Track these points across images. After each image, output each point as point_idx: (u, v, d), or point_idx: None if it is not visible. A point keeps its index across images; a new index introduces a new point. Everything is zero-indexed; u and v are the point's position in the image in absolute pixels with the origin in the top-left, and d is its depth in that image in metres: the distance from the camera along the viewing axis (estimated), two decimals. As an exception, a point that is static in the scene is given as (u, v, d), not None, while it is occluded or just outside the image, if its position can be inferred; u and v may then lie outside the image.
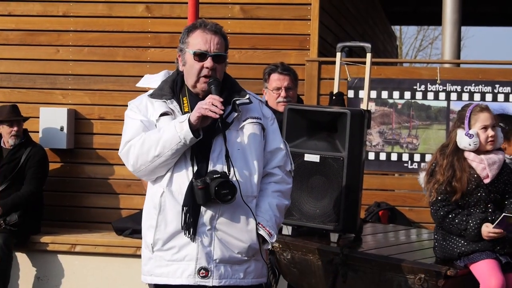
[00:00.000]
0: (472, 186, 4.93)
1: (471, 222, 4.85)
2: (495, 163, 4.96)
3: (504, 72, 7.76)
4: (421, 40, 32.13)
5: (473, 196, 4.94)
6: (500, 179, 4.97)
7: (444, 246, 4.99)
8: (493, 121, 4.99)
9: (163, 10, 8.12)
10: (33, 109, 8.12)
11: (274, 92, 6.05)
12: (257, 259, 4.04)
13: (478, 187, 4.93)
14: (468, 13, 13.22)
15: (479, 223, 4.84)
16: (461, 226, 4.89)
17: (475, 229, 4.84)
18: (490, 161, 4.95)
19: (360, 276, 5.14)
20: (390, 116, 7.79)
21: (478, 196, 4.94)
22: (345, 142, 5.40)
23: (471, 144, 4.96)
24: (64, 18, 8.27)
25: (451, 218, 4.91)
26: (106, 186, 8.14)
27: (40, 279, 7.78)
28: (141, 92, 4.57)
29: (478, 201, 4.94)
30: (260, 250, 4.01)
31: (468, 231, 4.86)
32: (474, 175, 4.94)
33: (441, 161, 5.03)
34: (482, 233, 4.83)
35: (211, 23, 4.07)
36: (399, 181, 8.34)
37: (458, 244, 4.91)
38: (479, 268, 4.80)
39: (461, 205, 4.96)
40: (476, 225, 4.84)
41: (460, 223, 4.89)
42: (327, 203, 5.41)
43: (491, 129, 4.98)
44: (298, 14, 7.88)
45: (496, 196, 4.96)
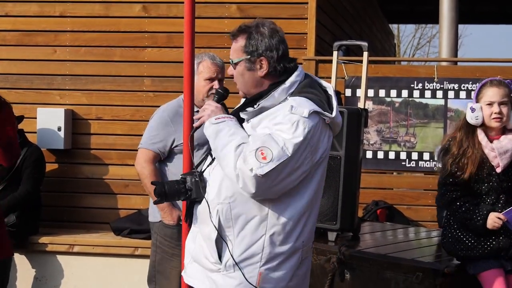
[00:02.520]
0: (484, 174, 4.81)
1: (478, 212, 4.76)
2: (507, 152, 4.80)
3: (502, 69, 7.75)
4: (419, 39, 32.23)
5: (485, 184, 4.83)
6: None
7: (450, 242, 4.95)
8: (502, 98, 4.81)
9: (160, 10, 8.12)
10: (30, 110, 8.12)
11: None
12: (230, 275, 3.72)
13: (490, 175, 4.81)
14: (465, 11, 13.23)
15: (485, 214, 4.74)
16: (467, 215, 4.80)
17: (480, 219, 4.75)
18: (502, 150, 4.80)
19: (358, 275, 5.15)
20: (388, 114, 7.79)
21: (490, 185, 4.82)
22: (342, 141, 5.42)
23: (472, 119, 4.85)
24: (61, 19, 8.26)
25: (459, 206, 4.83)
26: (103, 186, 8.14)
27: (39, 280, 7.78)
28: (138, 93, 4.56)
29: (490, 190, 4.83)
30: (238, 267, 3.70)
31: (473, 221, 4.77)
32: (487, 163, 4.81)
33: (456, 134, 4.95)
34: (488, 221, 4.73)
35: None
36: (397, 180, 8.34)
37: (462, 246, 4.86)
38: (485, 278, 4.76)
39: (473, 192, 4.85)
40: (482, 215, 4.75)
41: (467, 212, 4.80)
42: (325, 202, 5.41)
43: (497, 105, 4.81)
44: (295, 13, 7.88)
45: (509, 185, 4.82)
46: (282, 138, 3.58)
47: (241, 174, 3.56)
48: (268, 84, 3.81)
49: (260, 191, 3.57)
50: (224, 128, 3.72)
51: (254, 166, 3.52)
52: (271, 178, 3.55)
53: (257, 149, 3.54)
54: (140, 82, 8.10)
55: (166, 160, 5.57)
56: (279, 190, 3.64)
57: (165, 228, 5.52)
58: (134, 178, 7.47)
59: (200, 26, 7.39)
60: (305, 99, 3.70)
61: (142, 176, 5.54)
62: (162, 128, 5.52)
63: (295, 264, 3.79)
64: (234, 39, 3.89)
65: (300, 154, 3.60)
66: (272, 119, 3.68)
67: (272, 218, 3.68)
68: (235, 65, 3.87)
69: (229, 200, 3.70)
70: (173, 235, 5.45)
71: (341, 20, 9.57)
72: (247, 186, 3.57)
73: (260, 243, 3.69)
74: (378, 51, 13.05)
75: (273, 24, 3.86)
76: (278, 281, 3.74)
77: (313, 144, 3.66)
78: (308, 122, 3.61)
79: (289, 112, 3.62)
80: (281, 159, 3.54)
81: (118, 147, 8.11)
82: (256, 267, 3.70)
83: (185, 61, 4.25)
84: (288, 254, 3.75)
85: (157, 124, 5.56)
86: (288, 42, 3.91)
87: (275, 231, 3.69)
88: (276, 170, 3.55)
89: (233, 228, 3.71)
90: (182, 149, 5.16)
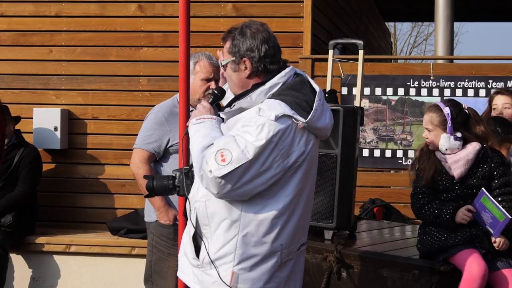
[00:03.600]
0: (446, 183, 4.92)
1: (444, 208, 4.85)
2: (458, 161, 4.90)
3: (498, 67, 7.76)
4: (416, 37, 32.21)
5: (449, 192, 4.94)
6: (477, 174, 4.91)
7: (424, 240, 4.99)
8: (426, 124, 5.00)
9: (156, 9, 8.11)
10: (26, 110, 8.11)
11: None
12: (207, 272, 3.77)
13: (452, 184, 4.93)
14: (461, 9, 13.23)
15: (452, 208, 4.83)
16: (435, 212, 4.89)
17: (447, 214, 4.82)
18: (452, 160, 4.92)
19: (354, 273, 5.15)
20: (384, 112, 7.79)
21: (454, 193, 4.93)
22: (338, 139, 5.41)
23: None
24: (56, 18, 8.26)
25: (427, 209, 4.93)
26: (100, 186, 8.14)
27: (36, 280, 7.78)
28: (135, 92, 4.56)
29: (455, 198, 4.92)
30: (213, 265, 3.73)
31: (441, 217, 4.85)
32: (446, 173, 4.93)
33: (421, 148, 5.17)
34: (457, 215, 4.81)
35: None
36: (393, 178, 8.35)
37: (436, 238, 4.91)
38: (460, 257, 4.78)
39: (440, 201, 4.94)
40: (449, 210, 4.83)
41: (434, 211, 4.89)
42: (321, 200, 5.41)
43: (426, 131, 5.02)
44: (291, 12, 7.88)
45: (474, 192, 4.90)
46: (245, 141, 3.57)
47: (204, 175, 3.60)
48: (252, 85, 3.83)
49: (222, 192, 3.59)
50: (200, 129, 3.77)
51: (213, 168, 3.55)
52: (231, 180, 3.56)
53: (217, 151, 3.57)
54: (136, 81, 8.10)
55: (161, 160, 5.56)
56: (245, 192, 3.63)
57: (161, 228, 5.52)
58: (130, 177, 7.47)
59: (196, 25, 7.42)
60: (279, 101, 3.67)
61: (137, 176, 5.53)
62: (157, 128, 5.51)
63: (273, 266, 3.77)
64: (223, 41, 3.92)
65: (265, 157, 3.58)
66: (244, 122, 3.69)
67: (245, 219, 3.69)
68: (224, 67, 3.91)
69: (205, 198, 3.74)
70: (169, 234, 5.45)
71: (337, 18, 9.57)
72: (209, 187, 3.61)
73: (233, 243, 3.71)
74: (374, 49, 13.05)
75: (259, 25, 3.86)
76: (254, 282, 3.75)
77: (283, 148, 3.63)
78: (275, 126, 3.59)
79: (256, 114, 3.63)
80: (240, 162, 3.54)
81: (114, 146, 8.11)
82: (230, 267, 3.72)
83: (180, 60, 4.26)
84: (263, 255, 3.74)
85: (152, 124, 5.55)
86: (284, 41, 3.93)
87: (248, 232, 3.70)
88: (236, 172, 3.55)
89: (210, 226, 3.75)
90: (177, 149, 5.18)
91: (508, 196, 4.90)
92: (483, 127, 4.98)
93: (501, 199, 4.88)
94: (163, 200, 5.46)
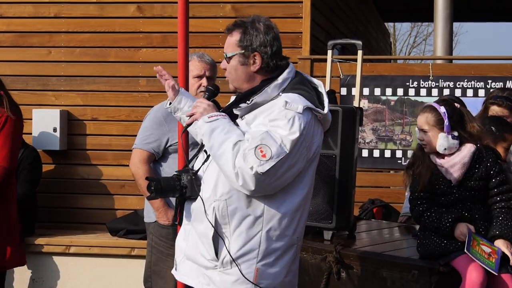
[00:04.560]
0: (444, 188, 4.89)
1: (443, 220, 4.81)
2: (454, 165, 4.86)
3: (497, 67, 7.76)
4: (415, 37, 32.23)
5: (447, 196, 4.90)
6: (474, 176, 4.88)
7: (424, 244, 4.97)
8: (421, 125, 4.93)
9: (155, 10, 8.11)
10: (25, 111, 8.05)
11: None
12: (227, 272, 3.76)
13: (450, 188, 4.88)
14: (460, 9, 13.23)
15: (451, 222, 4.79)
16: (434, 224, 4.86)
17: (446, 227, 4.80)
18: (448, 165, 4.87)
19: (354, 274, 5.15)
20: (383, 113, 7.79)
21: (452, 197, 4.89)
22: (337, 140, 5.41)
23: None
24: (55, 19, 8.26)
25: (426, 216, 4.90)
26: (99, 187, 8.13)
27: (35, 281, 7.78)
28: (134, 93, 4.57)
29: (454, 201, 4.89)
30: (235, 263, 3.74)
31: (440, 229, 4.83)
32: (443, 178, 4.90)
33: (415, 152, 5.13)
34: (456, 229, 4.78)
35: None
36: (393, 178, 8.34)
37: (436, 244, 4.87)
38: (459, 262, 4.76)
39: (440, 205, 4.91)
40: (448, 223, 4.80)
41: (434, 221, 4.86)
42: (320, 200, 5.41)
43: (421, 132, 4.94)
44: (289, 12, 7.88)
45: (472, 193, 4.88)
46: (279, 135, 3.60)
47: (241, 172, 3.58)
48: (260, 79, 3.85)
49: (259, 188, 3.61)
50: (218, 126, 3.72)
51: (254, 164, 3.55)
52: (271, 175, 3.59)
53: (256, 147, 3.57)
54: (135, 82, 8.10)
55: (161, 160, 5.57)
56: (277, 187, 3.67)
57: (160, 228, 5.52)
58: (130, 178, 7.47)
59: (195, 26, 7.42)
60: (298, 95, 3.73)
61: (136, 176, 5.54)
62: (156, 128, 5.52)
63: (290, 260, 3.84)
64: (229, 33, 3.91)
65: (296, 150, 3.63)
66: (267, 116, 3.69)
67: (268, 214, 3.72)
68: (228, 59, 3.89)
69: (226, 197, 3.72)
70: (168, 235, 5.46)
71: (336, 19, 9.57)
72: (247, 183, 3.59)
73: (257, 239, 3.72)
74: (373, 49, 13.05)
75: (268, 21, 3.89)
76: (275, 277, 3.79)
77: (308, 140, 3.70)
78: (303, 118, 3.65)
79: (283, 108, 3.65)
80: (280, 156, 3.58)
81: (114, 147, 8.11)
82: (253, 263, 3.73)
83: (179, 61, 4.27)
84: (284, 249, 3.79)
85: (151, 124, 5.56)
86: (283, 41, 3.93)
87: (271, 227, 3.73)
88: (275, 167, 3.58)
89: (229, 225, 3.73)
90: (176, 149, 5.19)
91: (506, 195, 4.88)
92: (477, 125, 4.96)
93: (499, 199, 4.88)
94: (162, 200, 5.47)
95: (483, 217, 4.86)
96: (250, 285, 3.74)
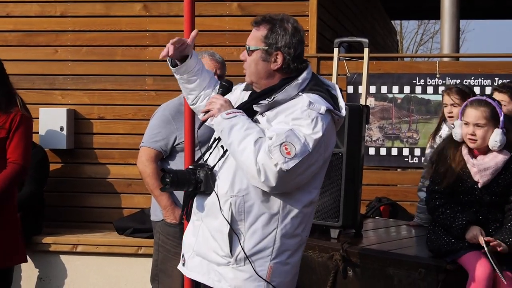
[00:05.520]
0: (466, 187, 4.85)
1: (457, 221, 4.79)
2: (487, 169, 4.79)
3: (504, 65, 7.75)
4: (422, 35, 32.16)
5: (467, 196, 4.86)
6: (499, 181, 4.83)
7: (433, 239, 4.98)
8: (477, 120, 4.79)
9: (161, 9, 8.11)
10: (32, 110, 8.02)
11: None
12: (240, 269, 3.76)
13: (472, 189, 4.84)
14: (467, 7, 13.20)
15: (464, 224, 4.77)
16: (447, 223, 4.84)
17: (459, 229, 4.78)
18: (482, 167, 4.80)
19: (360, 272, 5.14)
20: (390, 111, 7.79)
21: (472, 197, 4.85)
22: (344, 138, 5.41)
23: (453, 134, 4.93)
24: (62, 18, 8.26)
25: (441, 212, 4.88)
26: (106, 185, 8.14)
27: (43, 280, 7.79)
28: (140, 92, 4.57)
29: (472, 202, 4.86)
30: (248, 260, 3.74)
31: (453, 229, 4.81)
32: (470, 177, 4.84)
33: (444, 144, 5.05)
34: (468, 233, 4.76)
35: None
36: (400, 176, 8.33)
37: (444, 242, 4.87)
38: (466, 259, 4.76)
39: (457, 202, 4.89)
40: (461, 225, 4.78)
41: (447, 219, 4.84)
42: (327, 199, 5.41)
43: (472, 126, 4.80)
44: (296, 10, 7.87)
45: (492, 198, 4.84)
46: (303, 134, 3.63)
47: (263, 168, 3.59)
48: (279, 78, 3.85)
49: (280, 185, 3.62)
50: (238, 123, 3.72)
51: (279, 161, 3.57)
52: (292, 173, 3.61)
53: (281, 144, 3.58)
54: (142, 81, 8.10)
55: (168, 158, 5.57)
56: (296, 185, 3.70)
57: (167, 227, 5.52)
58: (137, 177, 7.47)
59: (201, 25, 7.41)
60: (319, 96, 3.76)
61: (144, 174, 5.54)
62: (163, 126, 5.52)
63: (299, 258, 3.89)
64: (256, 26, 3.90)
65: (317, 150, 3.66)
66: (289, 114, 3.71)
67: (284, 212, 3.74)
68: (251, 52, 3.88)
69: (243, 193, 3.74)
70: (175, 234, 5.45)
71: (342, 17, 9.56)
72: (269, 180, 3.60)
73: (272, 237, 3.74)
74: (380, 47, 13.04)
75: (296, 23, 3.90)
76: (286, 275, 3.81)
77: (326, 141, 3.74)
78: (324, 119, 3.69)
79: (307, 108, 3.68)
80: (303, 155, 3.60)
81: (120, 146, 8.11)
82: (267, 261, 3.75)
83: (185, 59, 4.26)
84: (295, 248, 3.83)
85: (159, 122, 5.56)
86: (289, 39, 3.92)
87: (286, 225, 3.75)
88: (299, 165, 3.60)
89: (244, 222, 3.74)
90: (184, 147, 5.18)
91: None
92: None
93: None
94: (169, 199, 5.47)
95: (496, 222, 4.85)
96: (263, 282, 3.75)
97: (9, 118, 5.74)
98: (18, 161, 5.72)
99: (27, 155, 5.79)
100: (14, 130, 5.73)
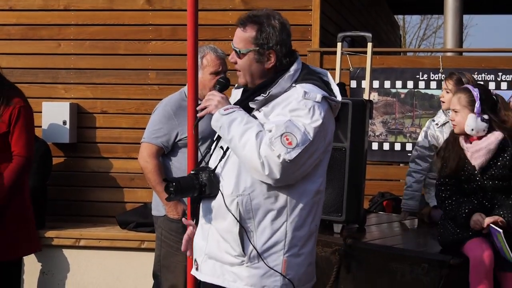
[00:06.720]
0: (467, 174, 4.92)
1: (461, 209, 4.86)
2: (479, 150, 4.90)
3: (507, 60, 7.73)
4: (425, 29, 32.11)
5: (470, 183, 4.93)
6: (498, 164, 4.89)
7: (442, 233, 5.05)
8: (454, 105, 5.01)
9: (164, 3, 8.10)
10: (35, 104, 8.04)
11: None
12: (255, 266, 3.73)
13: (473, 175, 4.92)
14: (470, 1, 13.17)
15: (467, 212, 4.83)
16: (452, 214, 4.92)
17: (462, 218, 4.85)
18: (473, 149, 4.92)
19: (363, 267, 5.14)
20: (393, 105, 7.77)
21: (474, 184, 4.92)
22: (347, 133, 5.40)
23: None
24: (65, 12, 8.26)
25: (447, 204, 4.95)
26: (109, 180, 8.14)
27: (45, 274, 7.79)
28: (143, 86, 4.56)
29: (475, 189, 4.92)
30: (261, 257, 3.72)
31: (457, 218, 4.88)
32: (469, 164, 4.93)
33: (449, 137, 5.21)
34: (471, 220, 4.83)
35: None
36: (403, 171, 8.29)
37: (450, 233, 4.95)
38: (468, 245, 4.83)
39: (463, 192, 4.95)
40: (464, 213, 4.84)
41: (452, 210, 4.91)
42: (330, 193, 5.41)
43: (453, 113, 5.02)
44: (299, 5, 7.86)
45: (495, 183, 4.90)
46: (302, 123, 3.63)
47: (267, 161, 3.58)
48: (273, 74, 3.84)
49: (284, 177, 3.61)
50: (236, 118, 3.71)
51: (282, 152, 3.56)
52: (297, 163, 3.60)
53: (281, 135, 3.58)
54: (145, 75, 8.10)
55: (170, 154, 5.56)
56: (299, 175, 3.69)
57: (169, 222, 5.51)
58: (139, 171, 7.44)
59: (205, 19, 7.41)
60: (312, 85, 3.75)
61: (145, 170, 5.53)
62: (165, 122, 5.50)
63: (312, 248, 3.86)
64: (242, 27, 3.87)
65: (317, 138, 3.66)
66: (285, 106, 3.70)
67: (291, 204, 3.73)
68: (242, 55, 3.86)
69: (249, 191, 3.71)
70: (178, 229, 5.44)
71: (345, 11, 9.54)
72: (273, 172, 3.59)
73: (282, 231, 3.73)
74: (383, 42, 13.01)
75: (281, 17, 3.88)
76: (299, 267, 3.79)
77: (326, 128, 3.73)
78: (322, 106, 3.69)
79: (302, 98, 3.67)
80: (305, 144, 3.60)
81: (123, 140, 8.11)
82: (280, 255, 3.74)
83: (188, 54, 4.25)
84: (306, 239, 3.81)
85: (160, 117, 5.55)
86: (292, 34, 3.91)
87: (295, 217, 3.74)
88: (301, 155, 3.60)
89: (254, 219, 3.72)
90: (186, 143, 5.16)
91: None
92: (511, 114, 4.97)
93: None
94: (172, 194, 5.45)
95: (505, 207, 4.86)
96: (279, 277, 3.73)
97: (8, 111, 5.75)
98: (21, 153, 5.74)
99: (30, 145, 5.81)
100: (14, 123, 5.74)
